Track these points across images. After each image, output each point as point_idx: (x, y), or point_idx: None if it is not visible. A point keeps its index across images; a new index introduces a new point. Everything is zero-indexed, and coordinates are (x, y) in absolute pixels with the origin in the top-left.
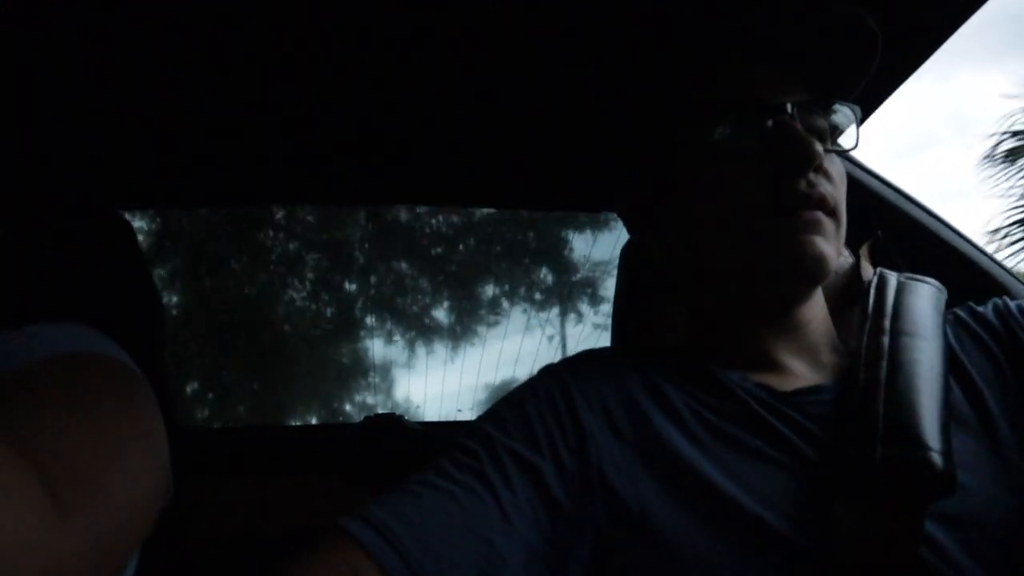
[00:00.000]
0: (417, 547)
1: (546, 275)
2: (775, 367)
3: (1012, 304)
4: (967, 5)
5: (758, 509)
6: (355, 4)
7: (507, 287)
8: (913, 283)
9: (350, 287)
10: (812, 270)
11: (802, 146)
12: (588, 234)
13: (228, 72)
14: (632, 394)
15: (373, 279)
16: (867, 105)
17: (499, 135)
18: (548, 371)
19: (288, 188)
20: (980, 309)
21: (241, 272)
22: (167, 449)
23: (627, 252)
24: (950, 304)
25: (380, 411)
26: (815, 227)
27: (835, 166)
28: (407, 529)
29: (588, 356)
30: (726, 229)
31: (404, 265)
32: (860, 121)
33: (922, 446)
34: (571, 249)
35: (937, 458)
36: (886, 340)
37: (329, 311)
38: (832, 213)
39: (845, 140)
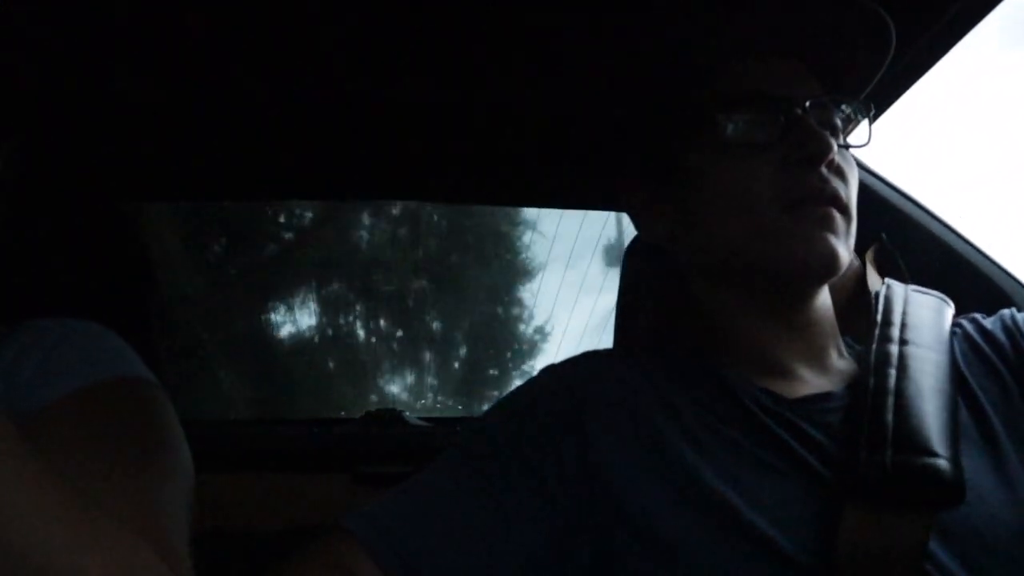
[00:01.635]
0: (417, 548)
1: None
2: (782, 371)
3: (1020, 318)
4: (985, 1)
5: (758, 519)
6: None
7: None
8: (921, 296)
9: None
10: (823, 267)
11: (815, 140)
12: None
13: (230, 65)
14: (636, 396)
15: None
16: (880, 102)
17: (508, 132)
18: (551, 372)
19: (292, 183)
20: (988, 325)
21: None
22: (190, 460)
23: (631, 252)
24: (956, 312)
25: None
26: (826, 223)
27: (848, 163)
28: (408, 530)
29: (592, 357)
30: (737, 224)
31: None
32: (873, 118)
33: (931, 453)
34: None
35: (946, 466)
36: (895, 348)
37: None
38: (844, 210)
39: (857, 137)
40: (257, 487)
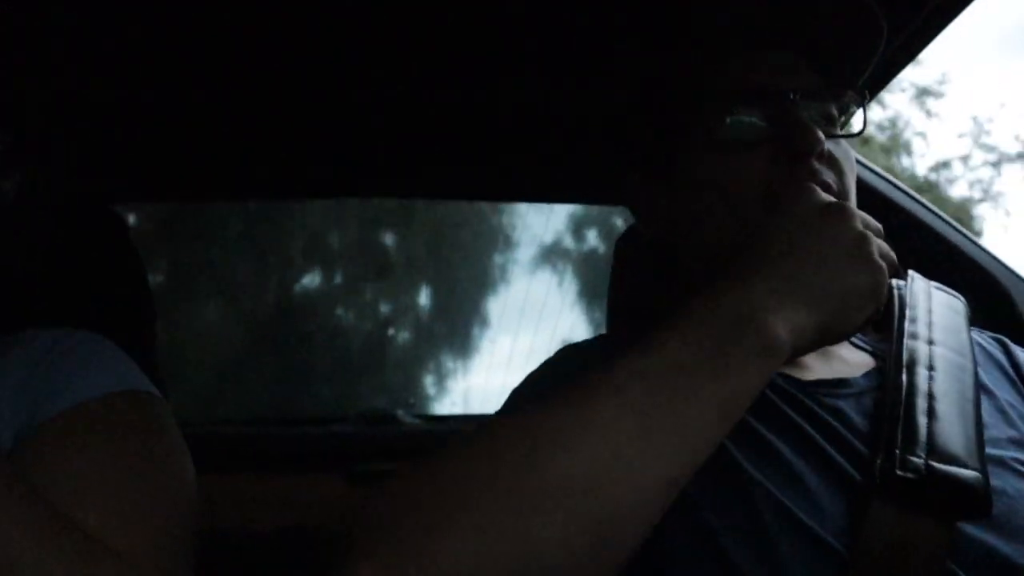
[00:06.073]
0: None
1: None
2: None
3: None
4: None
5: (789, 500)
6: None
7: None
8: (943, 295)
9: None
10: None
11: (804, 133)
12: None
13: (223, 65)
14: None
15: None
16: (871, 88)
17: (505, 127)
18: (568, 352)
19: (285, 183)
20: (1015, 349)
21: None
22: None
23: (622, 245)
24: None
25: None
26: None
27: (842, 152)
28: None
29: (607, 338)
30: (724, 221)
31: None
32: (866, 105)
33: (962, 463)
34: None
35: (977, 477)
36: (924, 347)
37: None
38: None
39: (852, 125)
40: (252, 487)
